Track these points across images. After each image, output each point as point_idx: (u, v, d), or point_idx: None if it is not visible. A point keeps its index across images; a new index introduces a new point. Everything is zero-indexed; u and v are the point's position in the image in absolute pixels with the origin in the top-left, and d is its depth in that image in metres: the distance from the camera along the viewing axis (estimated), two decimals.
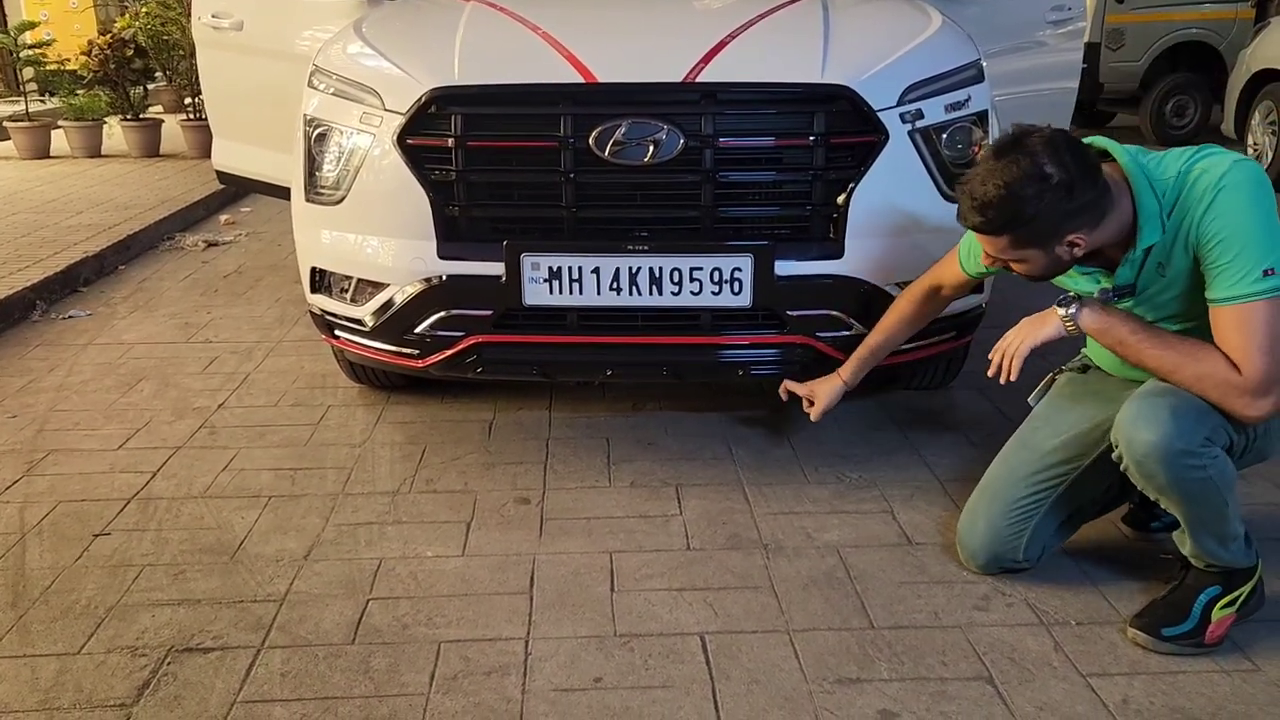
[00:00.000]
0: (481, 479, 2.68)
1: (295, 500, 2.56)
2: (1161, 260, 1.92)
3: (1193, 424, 1.82)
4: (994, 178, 1.82)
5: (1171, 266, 1.91)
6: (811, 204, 2.43)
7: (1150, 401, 1.87)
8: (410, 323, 2.55)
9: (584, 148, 2.38)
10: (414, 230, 2.49)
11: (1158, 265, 1.93)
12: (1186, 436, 1.81)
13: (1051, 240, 1.87)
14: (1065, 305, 1.98)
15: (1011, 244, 1.89)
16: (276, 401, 3.21)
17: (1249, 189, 1.81)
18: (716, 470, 2.72)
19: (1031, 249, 1.89)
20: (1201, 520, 1.92)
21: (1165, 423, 1.82)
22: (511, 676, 1.89)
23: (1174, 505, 1.91)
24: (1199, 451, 1.82)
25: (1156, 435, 1.82)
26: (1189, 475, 1.84)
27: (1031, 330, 2.03)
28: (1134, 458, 1.87)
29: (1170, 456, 1.82)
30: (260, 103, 4.01)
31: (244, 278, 4.72)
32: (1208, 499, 1.88)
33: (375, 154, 2.51)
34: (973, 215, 1.88)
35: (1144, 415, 1.85)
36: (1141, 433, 1.84)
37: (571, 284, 2.43)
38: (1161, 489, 1.88)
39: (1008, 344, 2.06)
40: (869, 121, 2.42)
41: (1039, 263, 1.92)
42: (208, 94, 4.36)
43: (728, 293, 2.43)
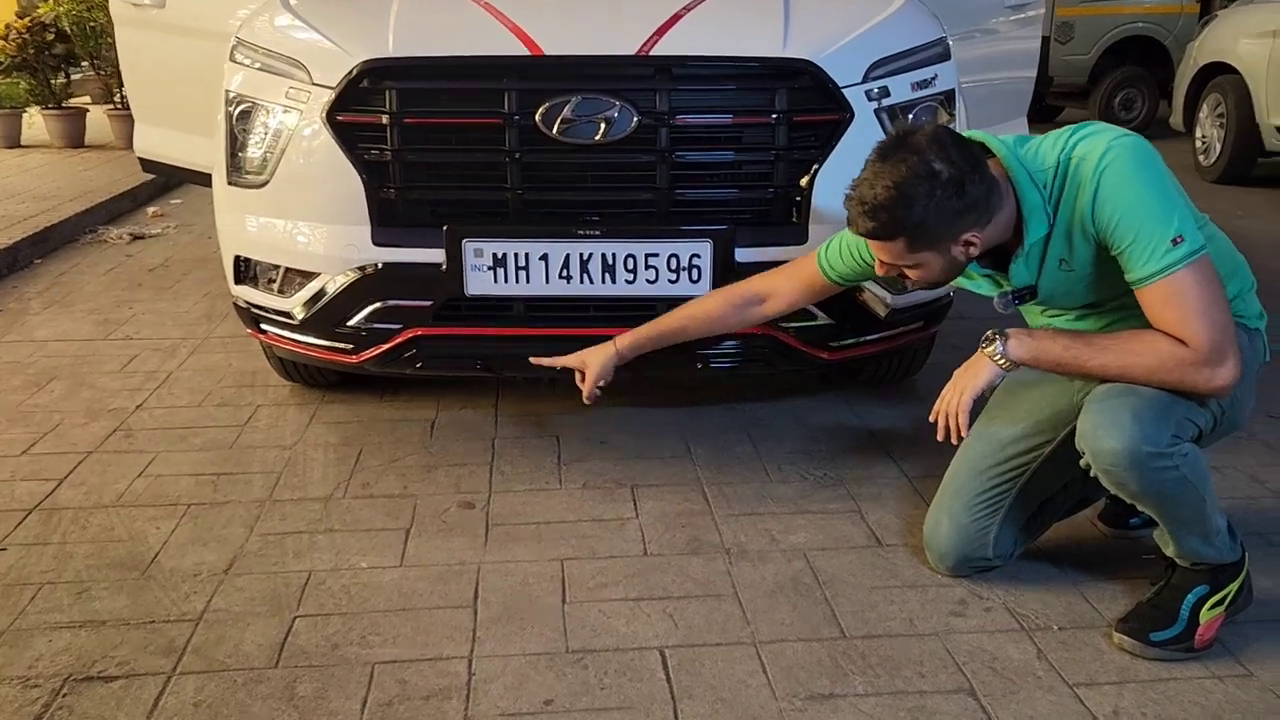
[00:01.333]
0: (422, 482, 2.50)
1: (217, 508, 2.36)
2: (1063, 256, 1.81)
3: (1157, 424, 1.71)
4: (882, 179, 1.71)
5: (1075, 258, 1.80)
6: (773, 186, 2.29)
7: (1109, 405, 1.75)
8: (343, 315, 2.36)
9: (530, 125, 2.21)
10: (346, 215, 2.30)
11: (1059, 261, 1.82)
12: (1153, 439, 1.70)
13: (946, 240, 1.75)
14: (989, 344, 1.87)
15: (907, 248, 1.77)
16: (200, 401, 3.00)
17: (1131, 165, 1.70)
18: (674, 469, 2.56)
19: (927, 252, 1.77)
20: (1181, 520, 1.81)
21: (1128, 427, 1.70)
22: (453, 700, 1.72)
23: (1151, 509, 1.81)
24: (1168, 452, 1.71)
25: (1121, 443, 1.71)
26: (1162, 477, 1.73)
27: (968, 381, 1.90)
28: (1102, 467, 1.76)
29: (1139, 461, 1.71)
30: (185, 85, 3.76)
31: (170, 271, 4.47)
32: (1184, 497, 1.77)
33: (303, 132, 2.32)
34: (864, 221, 1.75)
35: (1105, 423, 1.73)
36: (1105, 442, 1.73)
37: (518, 272, 2.26)
38: (1135, 495, 1.77)
39: (947, 403, 1.94)
40: (833, 99, 2.28)
41: (935, 266, 1.80)
42: (128, 76, 4.10)
43: (685, 281, 2.27)
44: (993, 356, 1.85)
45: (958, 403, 1.89)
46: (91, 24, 8.03)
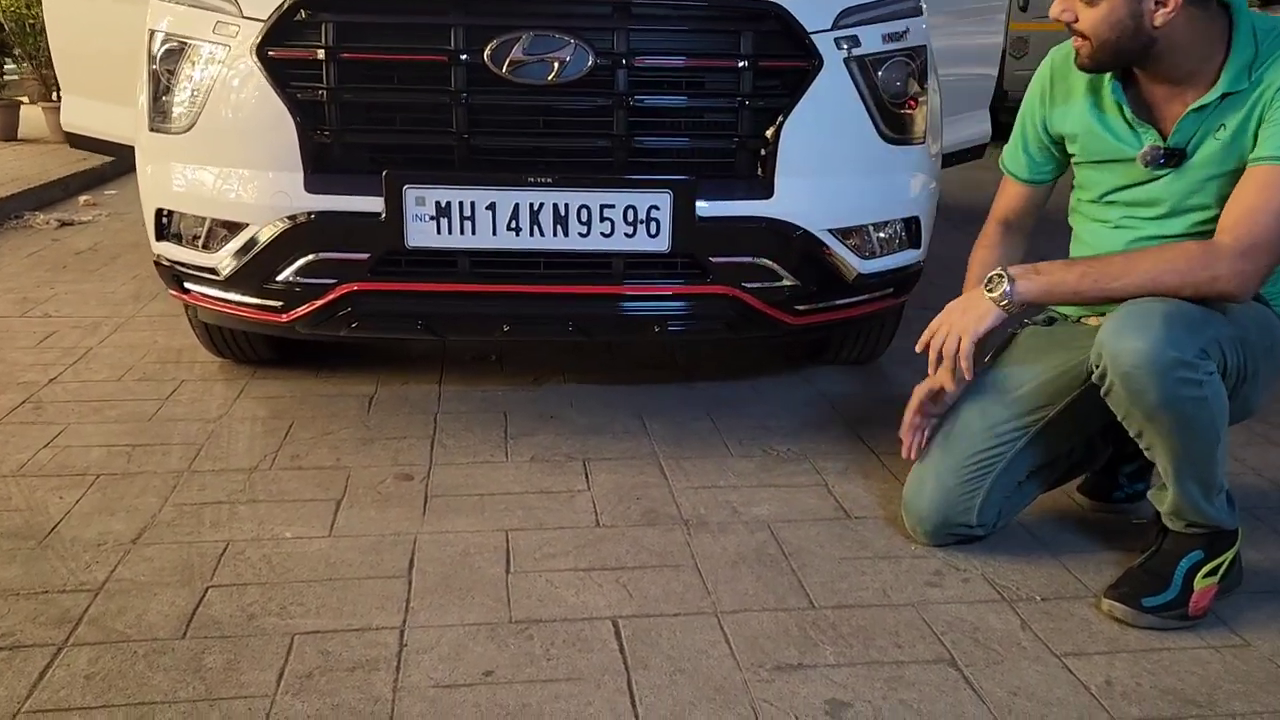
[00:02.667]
0: (357, 454, 2.31)
1: (129, 479, 2.15)
2: (1224, 122, 1.69)
3: (1187, 332, 1.58)
4: None
5: (1228, 129, 1.69)
6: (737, 136, 2.15)
7: (1137, 308, 1.62)
8: (272, 268, 2.18)
9: (478, 64, 2.05)
10: (277, 160, 2.12)
11: (1219, 126, 1.70)
12: (1181, 345, 1.56)
13: None
14: (995, 287, 1.74)
15: None
16: (120, 376, 2.78)
17: None
18: (628, 444, 2.40)
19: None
20: (1190, 456, 1.65)
21: (1157, 329, 1.56)
22: (381, 672, 1.53)
23: (1161, 436, 1.64)
24: (1195, 363, 1.57)
25: (1147, 342, 1.56)
26: (1184, 392, 1.58)
27: (968, 324, 1.76)
28: (1121, 371, 1.59)
29: (1163, 366, 1.56)
30: (116, 53, 3.56)
31: (99, 255, 4.23)
32: (1201, 426, 1.62)
33: (231, 70, 2.14)
34: None
35: (1131, 324, 1.60)
36: (1130, 341, 1.58)
37: (463, 222, 2.09)
38: (1151, 411, 1.61)
39: (940, 341, 1.79)
40: (801, 45, 2.15)
41: (1116, 6, 1.63)
42: (55, 45, 3.87)
43: (643, 235, 2.12)
44: (998, 300, 1.72)
45: (957, 346, 1.74)
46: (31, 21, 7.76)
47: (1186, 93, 1.72)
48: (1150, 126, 1.77)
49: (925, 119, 2.37)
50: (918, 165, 2.38)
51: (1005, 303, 1.73)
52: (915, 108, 2.34)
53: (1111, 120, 1.81)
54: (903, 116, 2.32)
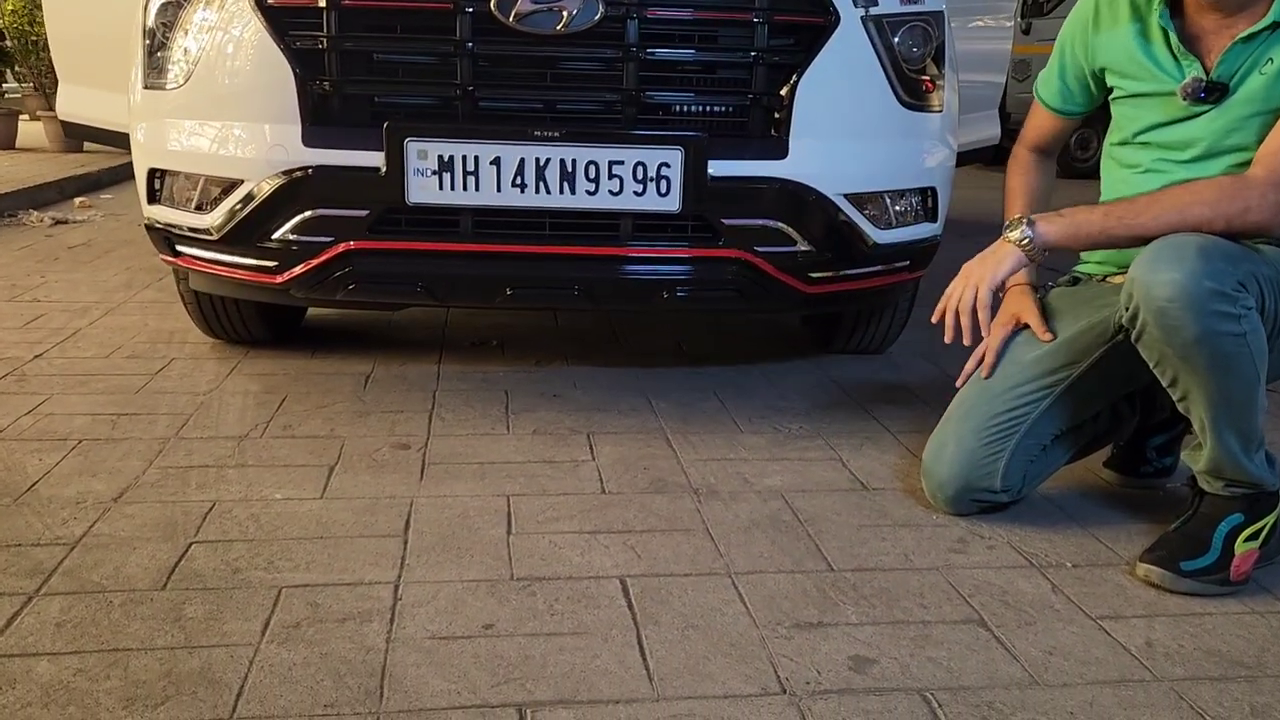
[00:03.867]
0: (352, 425, 2.21)
1: (112, 444, 2.06)
2: (1272, 56, 1.62)
3: (1224, 264, 1.48)
4: None
5: (1275, 63, 1.61)
6: (751, 92, 2.08)
7: (1172, 241, 1.53)
8: (268, 225, 2.10)
9: (483, 12, 1.98)
10: (274, 112, 2.05)
11: (1267, 61, 1.62)
12: (1218, 276, 1.47)
13: None
14: (1015, 228, 1.69)
15: None
16: (109, 354, 2.69)
17: None
18: (634, 419, 2.31)
19: None
20: (1228, 401, 1.55)
21: (1192, 260, 1.48)
22: (373, 623, 1.43)
23: (1197, 379, 1.54)
24: (1233, 295, 1.47)
25: (1182, 274, 1.47)
26: (1222, 327, 1.48)
27: (985, 270, 1.71)
28: (1155, 305, 1.50)
29: (1201, 298, 1.46)
30: (115, 41, 3.50)
31: (91, 249, 4.16)
32: (1240, 366, 1.52)
33: (228, 19, 2.07)
34: None
35: (1165, 256, 1.51)
36: (1164, 273, 1.49)
37: (466, 177, 2.01)
38: (1187, 349, 1.50)
39: (958, 298, 1.73)
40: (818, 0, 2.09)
41: None
42: (53, 33, 3.82)
43: (653, 193, 2.04)
44: (1018, 242, 1.64)
45: (973, 297, 1.66)
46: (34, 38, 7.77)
47: (1237, 22, 1.65)
48: (1195, 58, 1.70)
49: (944, 88, 2.31)
50: (936, 133, 2.31)
51: (1027, 244, 1.66)
52: (932, 79, 2.28)
53: (1156, 49, 1.74)
54: (920, 82, 2.26)
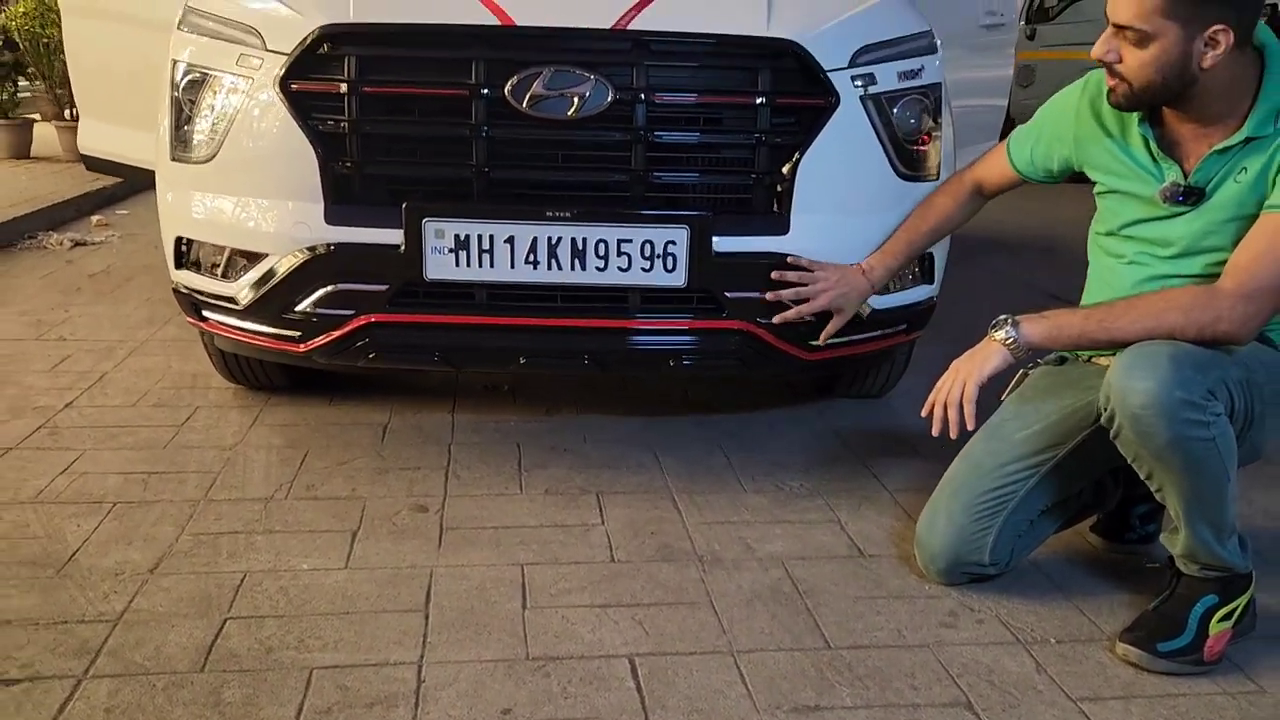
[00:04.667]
0: (372, 484, 2.32)
1: (146, 507, 2.16)
2: (1246, 166, 1.71)
3: (1194, 373, 1.59)
4: None
5: (1249, 173, 1.71)
6: (754, 172, 2.17)
7: (1145, 349, 1.64)
8: (291, 299, 2.19)
9: (499, 98, 2.07)
10: (298, 191, 2.14)
11: (1240, 169, 1.72)
12: (1188, 385, 1.58)
13: (1200, 17, 1.63)
14: (1000, 328, 1.79)
15: (1165, 3, 1.63)
16: (135, 402, 2.79)
17: None
18: (642, 478, 2.41)
19: (1174, 22, 1.64)
20: (1200, 498, 1.67)
21: (1164, 369, 1.59)
22: (399, 708, 1.54)
23: (1170, 478, 1.66)
24: (1201, 404, 1.59)
25: (1155, 383, 1.58)
26: (1192, 433, 1.59)
27: (972, 367, 1.81)
28: (1130, 412, 1.61)
29: (1171, 407, 1.57)
30: (135, 77, 3.59)
31: (112, 277, 4.26)
32: (1209, 467, 1.63)
33: (254, 101, 2.16)
34: None
35: (1139, 365, 1.62)
36: (1138, 381, 1.60)
37: (481, 255, 2.11)
38: (1160, 452, 1.62)
39: (947, 392, 1.83)
40: (818, 82, 2.17)
41: (1167, 48, 1.66)
42: (74, 68, 3.91)
43: (660, 269, 2.13)
44: (1004, 341, 1.74)
45: (961, 392, 1.76)
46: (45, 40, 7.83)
47: (1213, 133, 1.75)
48: (1174, 163, 1.79)
49: (939, 155, 2.39)
50: None
51: (1011, 344, 1.75)
52: (929, 144, 2.36)
53: (1136, 152, 1.84)
54: (917, 153, 2.34)
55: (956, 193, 2.22)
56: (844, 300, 2.19)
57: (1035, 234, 5.78)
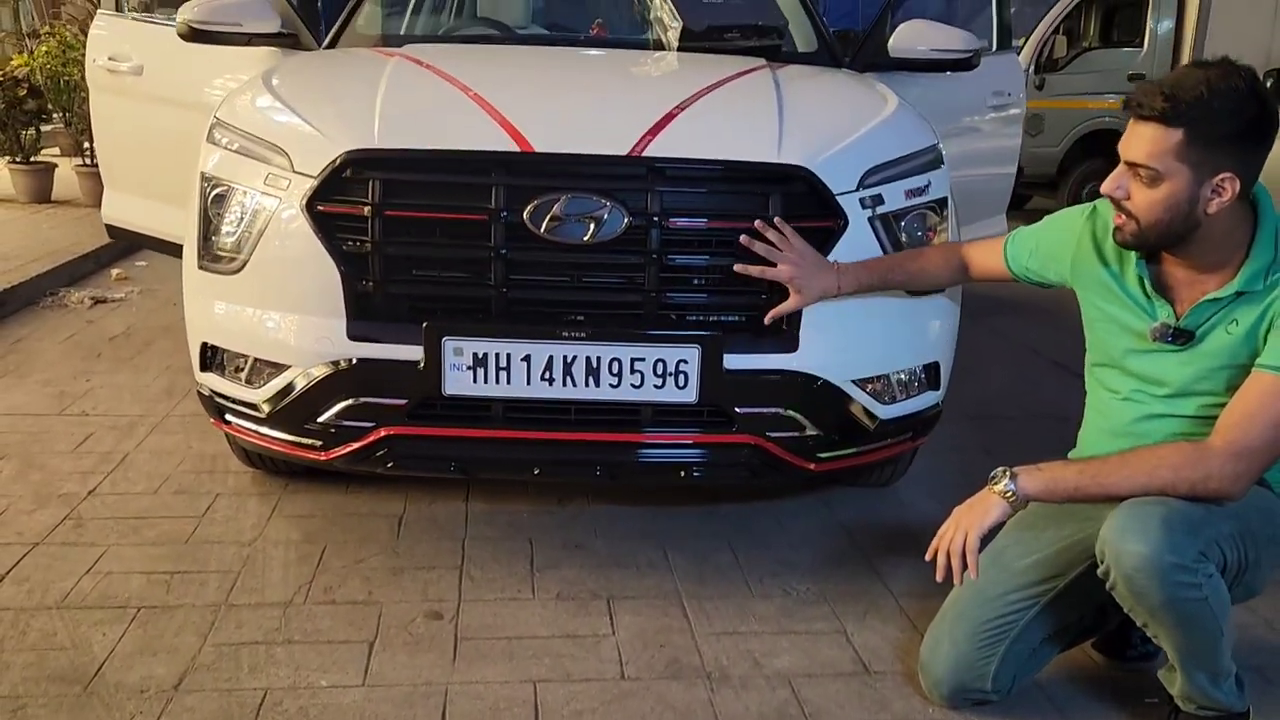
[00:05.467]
0: (388, 587, 2.37)
1: (169, 613, 2.22)
2: (1238, 318, 1.78)
3: (1186, 536, 1.65)
4: (1200, 75, 1.70)
5: (1240, 325, 1.77)
6: (765, 293, 2.22)
7: (1138, 511, 1.70)
8: (313, 410, 2.26)
9: (517, 222, 2.14)
10: (321, 306, 2.21)
11: (1233, 322, 1.78)
12: (1180, 550, 1.64)
13: (1211, 163, 1.70)
14: (997, 481, 1.84)
15: (1179, 146, 1.69)
16: (157, 488, 2.86)
17: None
18: (652, 580, 2.46)
19: (1186, 165, 1.70)
20: (1193, 650, 1.73)
21: (1156, 533, 1.65)
22: None
23: (1165, 631, 1.73)
24: (1193, 567, 1.65)
25: (1148, 547, 1.64)
26: (1184, 594, 1.66)
27: (974, 519, 1.85)
28: (1123, 573, 1.68)
29: (1163, 571, 1.64)
30: (159, 154, 3.69)
31: (132, 340, 4.33)
32: (1202, 624, 1.70)
33: (281, 219, 2.23)
34: (1156, 100, 1.70)
35: (1133, 527, 1.68)
36: (1131, 544, 1.66)
37: (499, 372, 2.17)
38: (1153, 610, 1.69)
39: (948, 541, 1.87)
40: (828, 206, 2.23)
41: (1177, 190, 1.72)
42: (100, 142, 4.02)
43: (672, 386, 2.19)
44: (1003, 494, 1.79)
45: (964, 542, 1.81)
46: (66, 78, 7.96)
47: (1207, 280, 1.80)
48: (1167, 303, 1.85)
49: None
50: (939, 312, 2.45)
51: (1010, 496, 1.80)
52: None
53: (1131, 287, 1.90)
54: None
55: (948, 258, 2.30)
56: (805, 282, 2.17)
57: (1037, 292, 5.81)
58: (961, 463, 3.24)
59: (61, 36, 7.99)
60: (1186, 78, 1.71)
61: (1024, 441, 3.47)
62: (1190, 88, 1.69)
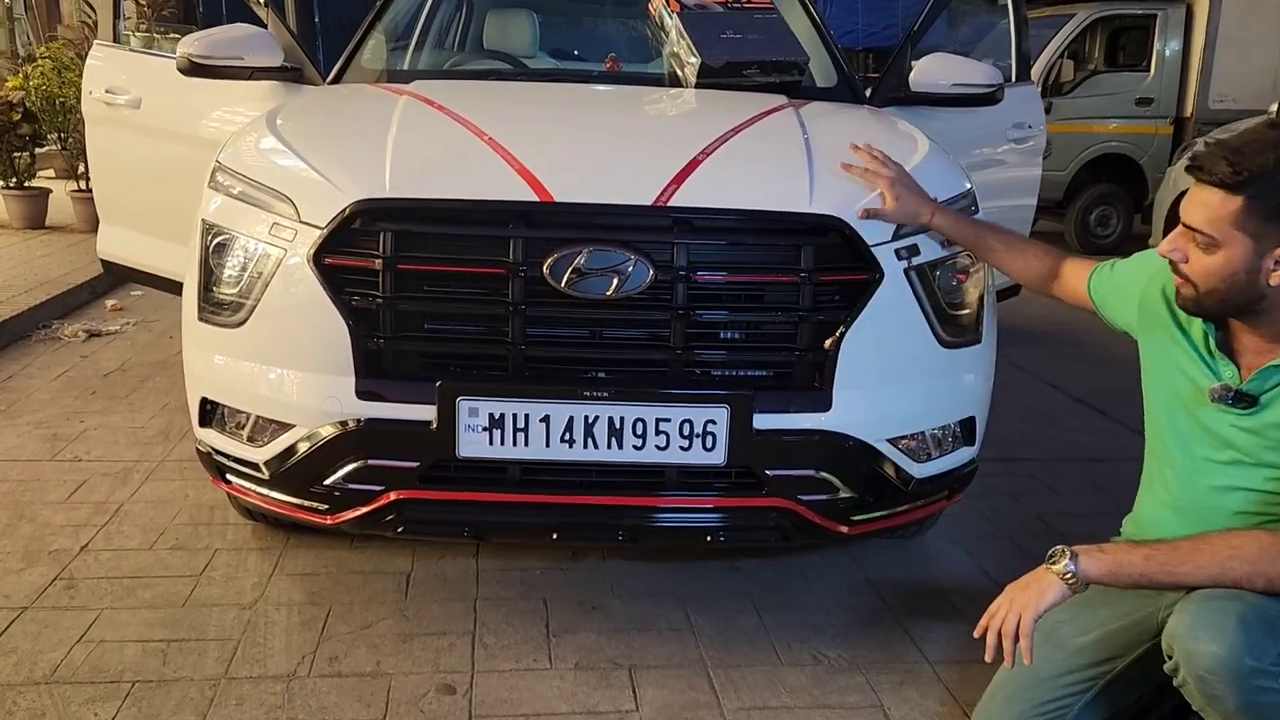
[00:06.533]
0: (397, 656, 2.25)
1: (165, 688, 2.09)
2: None
3: (1264, 636, 1.54)
4: (1269, 140, 1.61)
5: None
6: (797, 349, 2.11)
7: (1212, 606, 1.58)
8: (319, 473, 2.14)
9: (536, 276, 2.03)
10: (328, 364, 2.09)
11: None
12: (1258, 651, 1.52)
13: (1273, 235, 1.61)
14: (1058, 561, 1.71)
15: (1239, 215, 1.61)
16: (153, 543, 2.73)
17: None
18: (675, 646, 2.34)
19: (1247, 235, 1.62)
20: None
21: (1233, 634, 1.53)
22: None
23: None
24: (1272, 670, 1.53)
25: (1224, 649, 1.53)
26: (1262, 700, 1.54)
27: (1029, 600, 1.72)
28: (1196, 674, 1.57)
29: (1241, 675, 1.52)
30: (156, 188, 3.57)
31: (128, 377, 4.21)
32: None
33: (286, 272, 2.11)
34: (1220, 165, 1.61)
35: (1206, 624, 1.56)
36: (1205, 644, 1.55)
37: (516, 434, 2.05)
38: (1228, 714, 1.57)
39: (1001, 621, 1.74)
40: (862, 258, 2.12)
41: (1235, 257, 1.63)
42: (96, 175, 3.90)
43: (699, 448, 2.07)
44: (1062, 575, 1.67)
45: (1017, 624, 1.69)
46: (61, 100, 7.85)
47: (1276, 350, 1.70)
48: (1231, 364, 1.75)
49: (982, 318, 2.34)
50: (975, 365, 2.35)
51: (1070, 578, 1.69)
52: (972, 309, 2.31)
53: (1196, 342, 1.81)
54: (960, 319, 2.29)
55: (1044, 260, 2.20)
56: (903, 192, 2.18)
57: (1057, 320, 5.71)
58: (988, 509, 3.14)
59: (57, 58, 7.88)
60: (1254, 142, 1.61)
61: (1053, 486, 3.37)
62: (1256, 154, 1.60)
